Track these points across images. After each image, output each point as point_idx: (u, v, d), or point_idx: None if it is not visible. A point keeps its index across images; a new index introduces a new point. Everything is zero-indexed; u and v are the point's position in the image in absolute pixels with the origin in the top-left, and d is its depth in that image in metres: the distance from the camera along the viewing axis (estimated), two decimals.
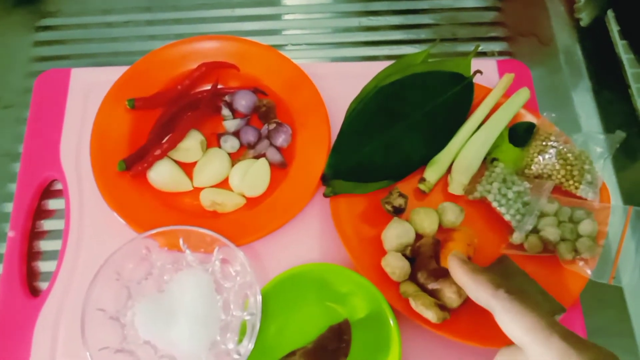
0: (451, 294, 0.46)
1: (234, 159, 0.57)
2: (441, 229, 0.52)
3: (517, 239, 0.51)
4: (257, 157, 0.57)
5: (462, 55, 0.60)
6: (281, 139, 0.56)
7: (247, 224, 0.52)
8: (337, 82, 0.60)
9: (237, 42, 0.60)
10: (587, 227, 0.50)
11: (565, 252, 0.50)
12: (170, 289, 0.49)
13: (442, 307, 0.45)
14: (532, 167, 0.55)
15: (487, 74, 0.61)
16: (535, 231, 0.51)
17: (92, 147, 0.54)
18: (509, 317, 0.37)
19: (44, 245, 0.56)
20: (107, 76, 0.59)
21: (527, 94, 0.57)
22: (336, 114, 0.57)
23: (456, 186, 0.54)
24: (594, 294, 0.52)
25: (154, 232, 0.50)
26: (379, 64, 0.58)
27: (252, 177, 0.55)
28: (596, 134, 0.56)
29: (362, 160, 0.54)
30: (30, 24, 0.69)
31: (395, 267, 0.48)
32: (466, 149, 0.55)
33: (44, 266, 0.55)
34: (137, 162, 0.54)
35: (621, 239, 0.50)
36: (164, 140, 0.55)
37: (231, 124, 0.57)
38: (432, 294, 0.47)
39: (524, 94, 0.57)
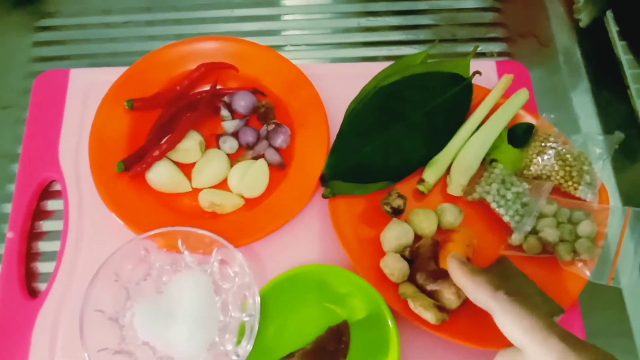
0: (450, 295, 0.46)
1: (233, 159, 0.57)
2: (440, 230, 0.52)
3: (516, 240, 0.51)
4: (256, 157, 0.57)
5: (461, 56, 0.60)
6: (280, 140, 0.56)
7: (245, 225, 0.52)
8: (336, 83, 0.60)
9: (236, 42, 0.60)
10: (586, 228, 0.50)
11: (564, 253, 0.50)
12: (169, 290, 0.49)
13: (441, 308, 0.45)
14: (531, 168, 0.55)
15: (486, 74, 0.61)
16: (534, 232, 0.51)
17: (91, 148, 0.54)
18: (508, 318, 0.37)
19: (42, 246, 0.56)
20: (106, 77, 0.59)
21: (526, 94, 0.57)
22: (335, 115, 0.57)
23: (455, 187, 0.54)
24: (593, 295, 0.52)
25: (152, 233, 0.50)
26: (378, 65, 0.59)
27: (251, 178, 0.55)
28: (595, 135, 0.56)
29: (361, 161, 0.54)
30: (29, 25, 0.69)
31: (394, 268, 0.48)
32: (465, 150, 0.55)
33: (42, 267, 0.55)
34: (136, 163, 0.54)
35: (620, 240, 0.50)
36: (163, 141, 0.55)
37: (230, 125, 0.57)
38: (431, 295, 0.47)
39: (523, 94, 0.57)
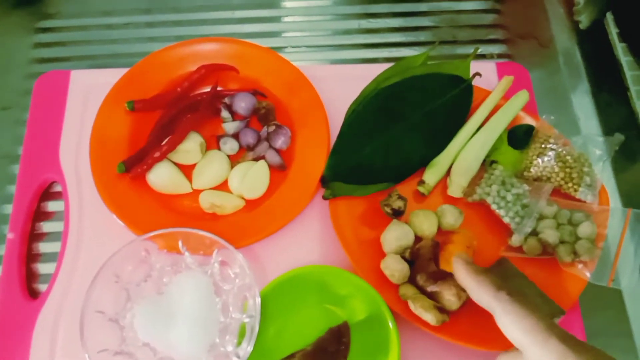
0: (450, 296, 0.46)
1: (233, 161, 0.57)
2: (440, 231, 0.52)
3: (516, 241, 0.51)
4: (256, 159, 0.57)
5: (461, 57, 0.60)
6: (280, 141, 0.56)
7: (246, 226, 0.53)
8: (336, 85, 0.60)
9: (237, 44, 0.60)
10: (586, 229, 0.50)
11: (564, 254, 0.50)
12: (169, 291, 0.49)
13: (441, 309, 0.45)
14: (531, 170, 0.55)
15: (486, 76, 0.61)
16: (534, 233, 0.51)
17: (91, 149, 0.54)
18: (509, 318, 0.37)
19: (43, 247, 0.56)
20: (107, 78, 0.59)
21: (526, 96, 0.57)
22: (335, 116, 0.57)
23: (455, 188, 0.54)
24: (593, 296, 0.52)
25: (153, 234, 0.50)
26: (378, 67, 0.59)
27: (252, 179, 0.55)
28: (595, 137, 0.56)
29: (362, 162, 0.54)
30: (30, 26, 0.69)
31: (394, 270, 0.48)
32: (465, 152, 0.55)
33: (43, 268, 0.55)
34: (136, 164, 0.54)
35: (620, 241, 0.50)
36: (164, 142, 0.55)
37: (230, 126, 0.57)
38: (431, 297, 0.47)
39: (523, 96, 0.57)
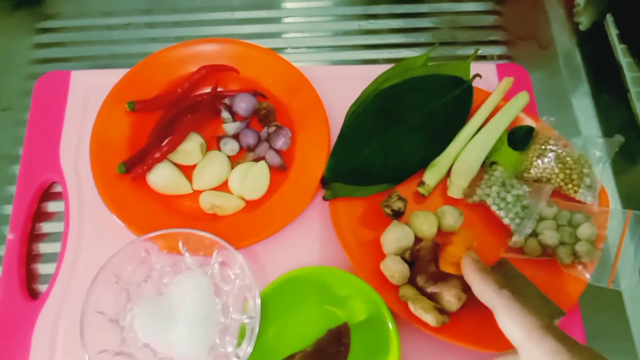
0: (450, 297, 0.46)
1: (234, 161, 0.57)
2: (440, 232, 0.52)
3: (516, 242, 0.51)
4: (256, 160, 0.57)
5: (461, 58, 0.60)
6: (281, 142, 0.56)
7: (246, 227, 0.53)
8: (336, 85, 0.60)
9: (237, 45, 0.61)
10: (586, 230, 0.50)
11: (564, 255, 0.50)
12: (169, 292, 0.49)
13: (441, 310, 0.45)
14: (531, 171, 0.55)
15: (486, 77, 0.61)
16: (534, 235, 0.51)
17: (91, 150, 0.54)
18: (508, 315, 0.38)
19: (43, 247, 0.56)
20: (107, 79, 0.59)
21: (526, 97, 0.57)
22: (336, 117, 0.57)
23: (455, 190, 0.54)
24: (592, 298, 0.52)
25: (153, 234, 0.50)
26: (378, 67, 0.59)
27: (252, 180, 0.55)
28: (595, 138, 0.56)
29: (362, 163, 0.54)
30: (30, 26, 0.69)
31: (394, 271, 0.48)
32: (465, 153, 0.55)
33: (43, 269, 0.55)
34: (136, 165, 0.54)
35: (620, 242, 0.50)
36: (164, 143, 0.55)
37: (231, 127, 0.57)
38: (431, 298, 0.47)
39: (523, 97, 0.57)
